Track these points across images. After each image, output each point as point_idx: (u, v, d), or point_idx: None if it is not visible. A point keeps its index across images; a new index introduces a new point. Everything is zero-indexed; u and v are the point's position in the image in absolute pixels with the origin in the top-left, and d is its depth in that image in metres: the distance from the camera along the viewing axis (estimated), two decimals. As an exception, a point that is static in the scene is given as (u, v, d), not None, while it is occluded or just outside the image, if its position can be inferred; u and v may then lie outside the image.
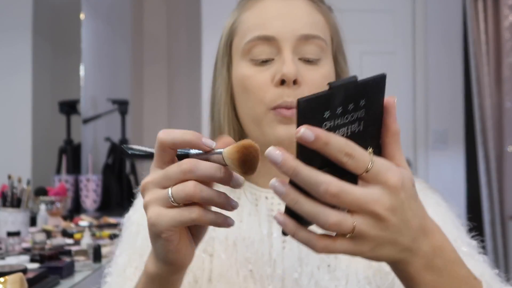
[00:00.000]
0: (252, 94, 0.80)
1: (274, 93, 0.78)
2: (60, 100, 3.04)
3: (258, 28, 0.81)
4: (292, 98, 0.77)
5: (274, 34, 0.80)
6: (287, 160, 0.49)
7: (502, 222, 3.50)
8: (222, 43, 0.86)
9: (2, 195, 1.87)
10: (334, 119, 0.49)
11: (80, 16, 3.10)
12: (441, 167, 3.49)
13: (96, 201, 2.85)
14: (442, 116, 3.52)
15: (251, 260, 0.78)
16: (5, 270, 1.27)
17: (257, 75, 0.80)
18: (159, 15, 3.85)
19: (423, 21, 3.54)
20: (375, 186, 0.49)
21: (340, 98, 0.48)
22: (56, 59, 3.18)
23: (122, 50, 3.65)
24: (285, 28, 0.80)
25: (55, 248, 1.64)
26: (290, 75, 0.77)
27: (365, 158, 0.49)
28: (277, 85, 0.78)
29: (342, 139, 0.49)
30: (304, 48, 0.80)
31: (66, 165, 2.92)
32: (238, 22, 0.84)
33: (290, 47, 0.79)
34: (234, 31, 0.84)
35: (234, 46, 0.84)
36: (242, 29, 0.83)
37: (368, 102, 0.50)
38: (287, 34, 0.79)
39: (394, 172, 0.50)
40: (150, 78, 3.84)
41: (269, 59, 0.80)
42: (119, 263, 0.81)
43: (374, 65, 3.50)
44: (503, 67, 3.51)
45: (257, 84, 0.80)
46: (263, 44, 0.80)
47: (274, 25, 0.80)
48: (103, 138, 3.19)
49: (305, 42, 0.80)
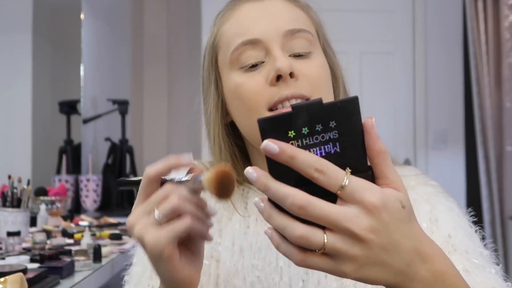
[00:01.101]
0: (247, 100, 0.77)
1: (270, 93, 0.76)
2: (60, 100, 3.04)
3: (241, 34, 0.78)
4: (289, 91, 0.75)
5: (258, 36, 0.77)
6: (259, 177, 0.50)
7: (502, 222, 3.50)
8: (206, 62, 0.84)
9: (2, 195, 1.87)
10: (301, 138, 0.50)
11: (80, 16, 3.09)
12: (441, 167, 3.49)
13: (96, 201, 2.85)
14: (442, 116, 3.53)
15: (258, 267, 0.77)
16: (5, 270, 1.27)
17: (250, 80, 0.77)
18: (159, 16, 3.85)
19: (423, 21, 3.54)
20: (352, 205, 0.49)
21: (304, 118, 0.50)
22: (56, 59, 3.18)
23: (122, 50, 3.65)
24: (269, 28, 0.78)
25: (55, 248, 1.64)
26: (284, 68, 0.74)
27: (338, 175, 0.49)
28: (273, 84, 0.75)
29: (312, 155, 0.49)
30: (292, 43, 0.78)
31: (66, 165, 2.92)
32: (219, 36, 0.82)
33: (278, 46, 0.77)
34: (217, 46, 0.82)
35: (220, 61, 0.82)
36: (224, 41, 0.81)
37: (340, 124, 0.50)
38: (271, 33, 0.77)
39: (373, 192, 0.49)
40: (150, 78, 3.84)
41: (258, 62, 0.77)
42: (135, 273, 0.82)
43: (374, 65, 3.51)
44: (503, 67, 3.51)
45: (251, 89, 0.77)
46: (250, 49, 0.77)
47: (257, 28, 0.78)
48: (103, 138, 3.19)
49: (291, 37, 0.78)
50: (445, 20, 3.54)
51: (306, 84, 0.76)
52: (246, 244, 0.79)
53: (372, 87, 3.48)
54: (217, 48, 0.82)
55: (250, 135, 0.79)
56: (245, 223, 0.80)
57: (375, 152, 0.51)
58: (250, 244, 0.78)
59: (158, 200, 0.59)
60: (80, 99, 3.07)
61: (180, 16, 3.81)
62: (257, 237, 0.79)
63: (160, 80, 3.82)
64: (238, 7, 0.82)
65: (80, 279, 1.40)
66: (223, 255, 0.79)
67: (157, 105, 3.82)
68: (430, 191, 0.80)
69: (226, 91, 0.81)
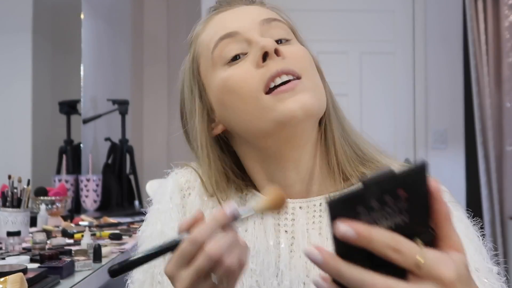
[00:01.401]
0: (239, 89, 0.75)
1: (260, 74, 0.74)
2: (60, 100, 3.04)
3: (218, 32, 0.78)
4: (278, 66, 0.73)
5: (235, 28, 0.77)
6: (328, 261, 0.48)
7: (502, 222, 3.50)
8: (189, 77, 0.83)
9: (2, 195, 1.87)
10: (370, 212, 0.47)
11: (80, 16, 3.09)
12: (441, 167, 3.49)
13: (96, 201, 2.85)
14: (442, 116, 3.53)
15: (256, 272, 0.76)
16: (5, 270, 1.27)
17: (236, 70, 0.76)
18: (159, 15, 3.85)
19: (423, 21, 3.54)
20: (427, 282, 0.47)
21: (375, 193, 0.46)
22: (56, 59, 3.18)
23: (122, 50, 3.65)
24: (245, 21, 0.78)
25: (55, 248, 1.64)
26: (269, 45, 0.74)
27: (414, 250, 0.47)
28: (260, 65, 0.74)
29: (386, 234, 0.47)
30: (271, 32, 0.78)
31: (66, 165, 2.92)
32: (197, 47, 0.82)
33: (257, 34, 0.77)
34: (198, 57, 0.82)
35: (202, 69, 0.81)
36: (203, 48, 0.80)
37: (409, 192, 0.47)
38: (248, 24, 0.78)
39: (448, 265, 0.47)
40: (150, 78, 3.84)
41: (241, 53, 0.76)
42: (136, 279, 0.81)
43: (374, 65, 3.51)
44: (503, 67, 3.51)
45: (240, 76, 0.75)
46: (231, 43, 0.77)
47: (233, 23, 0.78)
48: (103, 138, 3.19)
49: (268, 26, 0.78)
50: (445, 20, 3.54)
51: (294, 62, 0.75)
52: None
53: (372, 87, 3.48)
54: (197, 59, 0.82)
55: (248, 128, 0.76)
56: (243, 226, 0.79)
57: (443, 216, 0.49)
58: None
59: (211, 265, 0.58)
60: (80, 99, 3.07)
61: (180, 16, 3.81)
62: (255, 241, 0.78)
63: (160, 80, 3.82)
64: (211, 19, 0.83)
65: (80, 279, 1.40)
66: None
67: (157, 105, 3.82)
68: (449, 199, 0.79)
69: (214, 93, 0.79)
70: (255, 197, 0.81)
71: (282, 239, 0.78)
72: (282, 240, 0.78)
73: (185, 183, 0.85)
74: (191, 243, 0.58)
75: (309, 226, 0.78)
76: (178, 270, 0.59)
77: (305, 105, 0.73)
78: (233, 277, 0.60)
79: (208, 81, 0.79)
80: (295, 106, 0.72)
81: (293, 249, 0.77)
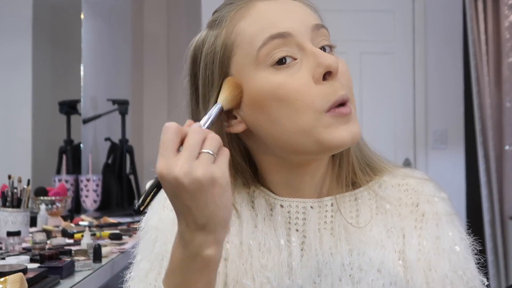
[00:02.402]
0: (293, 102, 0.70)
1: (323, 92, 0.71)
2: (60, 100, 3.04)
3: (267, 29, 0.72)
4: (342, 91, 0.71)
5: (288, 29, 0.72)
6: None
7: (502, 222, 3.50)
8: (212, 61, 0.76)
9: (2, 195, 1.87)
10: None
11: (80, 16, 3.09)
12: (441, 167, 3.49)
13: (96, 201, 2.85)
14: (442, 116, 3.53)
15: (268, 267, 0.76)
16: (5, 270, 1.27)
17: (291, 79, 0.71)
18: (159, 15, 3.85)
19: (423, 21, 3.54)
20: None
21: None
22: (56, 59, 3.18)
23: (122, 50, 3.65)
24: (296, 23, 0.73)
25: (55, 248, 1.64)
26: (335, 64, 0.70)
27: None
28: (319, 82, 0.71)
29: None
30: (318, 39, 0.74)
31: (66, 165, 2.92)
32: (235, 35, 0.74)
33: (309, 40, 0.73)
34: (232, 46, 0.74)
35: (237, 63, 0.74)
36: (245, 39, 0.73)
37: None
38: (300, 28, 0.73)
39: None
40: (150, 78, 3.84)
41: (292, 57, 0.71)
42: (141, 268, 0.79)
43: (374, 65, 3.51)
44: (503, 67, 3.51)
45: (297, 89, 0.70)
46: (280, 44, 0.71)
47: (283, 22, 0.73)
48: (103, 138, 3.19)
49: (317, 33, 0.74)
50: (445, 20, 3.54)
51: (346, 82, 0.74)
52: (255, 243, 0.77)
53: (372, 87, 3.48)
54: (231, 47, 0.74)
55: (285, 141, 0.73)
56: (253, 222, 0.79)
57: None
58: (259, 244, 0.77)
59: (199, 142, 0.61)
60: (80, 99, 3.07)
61: (180, 16, 3.81)
62: (265, 236, 0.78)
63: (160, 80, 3.82)
64: (252, 5, 0.75)
65: (80, 279, 1.40)
66: (232, 254, 0.77)
67: (157, 105, 3.82)
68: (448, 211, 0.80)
69: (252, 93, 0.73)
70: (263, 193, 0.80)
71: (293, 238, 0.78)
72: (294, 239, 0.77)
73: None
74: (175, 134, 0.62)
75: (321, 226, 0.78)
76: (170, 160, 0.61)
77: (355, 136, 0.73)
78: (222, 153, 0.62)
79: (245, 78, 0.73)
80: (348, 136, 0.71)
81: (304, 248, 0.77)
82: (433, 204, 0.80)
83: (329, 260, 0.76)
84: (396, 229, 0.78)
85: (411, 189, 0.81)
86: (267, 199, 0.80)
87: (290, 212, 0.79)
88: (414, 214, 0.79)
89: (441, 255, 0.76)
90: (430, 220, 0.78)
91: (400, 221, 0.78)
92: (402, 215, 0.79)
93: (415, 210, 0.79)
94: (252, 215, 0.80)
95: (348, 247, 0.76)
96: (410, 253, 0.76)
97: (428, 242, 0.76)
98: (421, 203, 0.80)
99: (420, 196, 0.80)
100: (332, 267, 0.75)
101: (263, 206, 0.80)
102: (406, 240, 0.77)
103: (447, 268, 0.75)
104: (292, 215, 0.79)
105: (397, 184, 0.82)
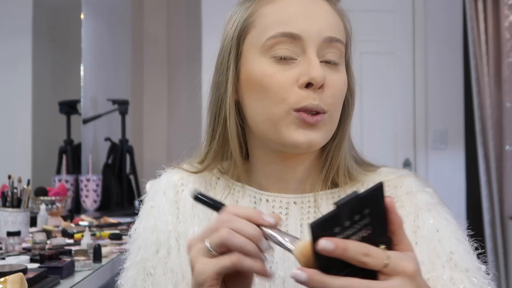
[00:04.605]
0: (273, 93, 0.76)
1: (298, 95, 0.75)
2: (60, 100, 3.04)
3: (282, 24, 0.77)
4: (318, 101, 0.75)
5: (300, 32, 0.76)
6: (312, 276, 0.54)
7: (502, 222, 3.50)
8: (231, 35, 0.81)
9: (2, 195, 1.87)
10: (344, 231, 0.55)
11: (80, 16, 3.09)
12: (441, 167, 3.49)
13: (96, 201, 2.85)
14: (442, 116, 3.53)
15: None
16: (5, 270, 1.27)
17: (280, 74, 0.76)
18: (159, 15, 3.85)
19: (423, 21, 3.54)
20: (395, 277, 0.55)
21: (346, 214, 0.55)
22: (56, 59, 3.18)
23: (122, 50, 3.65)
24: (311, 28, 0.77)
25: (55, 248, 1.64)
26: (319, 79, 0.74)
27: (381, 254, 0.55)
28: (302, 87, 0.75)
29: (357, 243, 0.54)
30: (327, 50, 0.78)
31: (66, 165, 2.92)
32: (257, 16, 0.79)
33: (315, 49, 0.76)
34: (251, 24, 0.80)
35: (249, 41, 0.80)
36: (262, 23, 0.78)
37: (372, 210, 0.56)
38: (313, 35, 0.77)
39: (408, 261, 0.56)
40: (150, 78, 3.84)
41: (292, 58, 0.77)
42: (129, 277, 0.82)
43: (374, 65, 3.51)
44: (503, 67, 3.51)
45: (280, 83, 0.76)
46: (287, 42, 0.76)
47: (300, 24, 0.77)
48: (103, 138, 3.19)
49: (328, 44, 0.78)
50: (445, 20, 3.54)
51: (329, 97, 0.77)
52: None
53: (372, 87, 3.48)
54: (250, 27, 0.80)
55: (258, 124, 0.79)
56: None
57: (397, 224, 0.58)
58: None
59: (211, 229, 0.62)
60: (80, 99, 3.07)
61: (180, 16, 3.81)
62: None
63: (160, 80, 3.82)
64: None
65: (80, 279, 1.40)
66: None
67: (157, 105, 3.82)
68: (429, 201, 0.82)
69: (248, 73, 0.79)
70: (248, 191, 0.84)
71: None
72: None
73: (179, 180, 0.87)
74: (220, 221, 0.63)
75: (303, 221, 0.82)
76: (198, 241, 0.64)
77: (312, 142, 0.77)
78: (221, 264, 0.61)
79: (249, 56, 0.79)
80: (303, 141, 0.76)
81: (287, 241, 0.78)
82: (412, 196, 0.82)
83: None
84: None
85: (392, 185, 0.83)
86: (252, 196, 0.84)
87: (274, 206, 0.83)
88: None
89: (419, 244, 0.77)
90: (410, 212, 0.80)
91: None
92: None
93: None
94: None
95: None
96: None
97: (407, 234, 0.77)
98: (400, 196, 0.82)
99: (400, 190, 0.82)
100: None
101: (246, 204, 0.83)
102: None
103: (428, 255, 0.76)
104: (276, 210, 0.82)
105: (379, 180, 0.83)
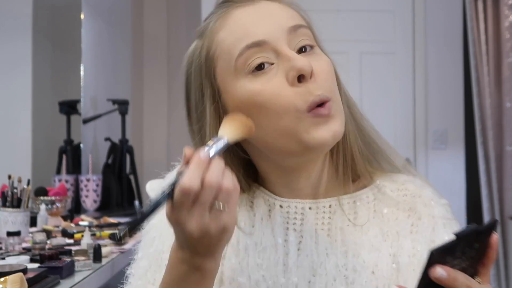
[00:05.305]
0: (272, 105, 0.72)
1: (297, 93, 0.72)
2: (60, 100, 3.04)
3: (243, 38, 0.74)
4: (318, 91, 0.72)
5: (263, 37, 0.74)
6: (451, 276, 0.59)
7: (502, 222, 3.50)
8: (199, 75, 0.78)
9: (2, 195, 1.87)
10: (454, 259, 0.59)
11: (80, 16, 3.09)
12: (441, 167, 3.49)
13: (96, 201, 2.85)
14: (442, 116, 3.52)
15: (263, 266, 0.77)
16: (5, 270, 1.27)
17: (267, 85, 0.73)
18: (159, 15, 3.85)
19: (423, 21, 3.54)
20: None
21: (461, 245, 0.59)
22: (56, 59, 3.18)
23: (122, 50, 3.65)
24: (271, 28, 0.74)
25: (55, 248, 1.64)
26: (306, 67, 0.72)
27: None
28: (295, 84, 0.72)
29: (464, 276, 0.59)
30: (296, 40, 0.75)
31: (66, 165, 2.92)
32: (215, 46, 0.76)
33: (285, 44, 0.74)
34: (213, 57, 0.77)
35: (220, 73, 0.76)
36: (224, 50, 0.75)
37: (480, 245, 0.60)
38: (276, 32, 0.74)
39: None
40: (150, 78, 3.84)
41: (269, 62, 0.73)
42: (141, 266, 0.81)
43: (374, 65, 3.51)
44: (503, 67, 3.51)
45: (273, 92, 0.72)
46: (257, 52, 0.73)
47: (258, 30, 0.74)
48: (103, 138, 3.19)
49: (294, 34, 0.75)
50: (445, 20, 3.54)
51: (324, 82, 0.74)
52: (251, 243, 0.79)
53: (372, 87, 3.48)
54: (214, 60, 0.77)
55: (273, 143, 0.75)
56: (250, 221, 0.80)
57: (492, 260, 0.62)
58: (255, 243, 0.79)
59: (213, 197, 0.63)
60: (80, 99, 3.07)
61: (180, 16, 3.82)
62: (262, 236, 0.79)
63: (160, 80, 3.82)
64: (229, 14, 0.77)
65: (80, 279, 1.40)
66: (228, 252, 0.78)
67: (157, 105, 3.82)
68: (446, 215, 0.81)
69: (236, 102, 0.75)
70: (263, 194, 0.82)
71: (291, 237, 0.79)
72: (291, 239, 0.79)
73: None
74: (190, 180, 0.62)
75: (318, 227, 0.80)
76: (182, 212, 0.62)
77: (336, 133, 0.74)
78: (232, 200, 0.64)
79: (227, 87, 0.76)
80: (328, 135, 0.73)
81: (300, 248, 0.78)
82: (430, 208, 0.80)
83: (324, 260, 0.77)
84: (391, 232, 0.79)
85: (409, 194, 0.82)
86: (266, 200, 0.81)
87: (289, 212, 0.80)
88: (411, 218, 0.80)
89: None
90: (426, 224, 0.79)
91: (397, 225, 0.79)
92: (399, 219, 0.80)
93: (412, 214, 0.80)
94: (250, 215, 0.81)
95: (344, 248, 0.78)
96: (403, 256, 0.77)
97: (422, 246, 0.77)
98: (419, 207, 0.80)
99: (418, 200, 0.81)
100: (327, 267, 0.76)
101: (261, 206, 0.81)
102: (399, 244, 0.78)
103: None
104: (291, 215, 0.80)
105: (396, 189, 0.83)
